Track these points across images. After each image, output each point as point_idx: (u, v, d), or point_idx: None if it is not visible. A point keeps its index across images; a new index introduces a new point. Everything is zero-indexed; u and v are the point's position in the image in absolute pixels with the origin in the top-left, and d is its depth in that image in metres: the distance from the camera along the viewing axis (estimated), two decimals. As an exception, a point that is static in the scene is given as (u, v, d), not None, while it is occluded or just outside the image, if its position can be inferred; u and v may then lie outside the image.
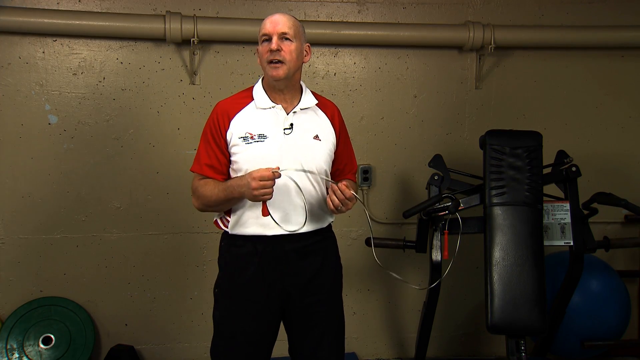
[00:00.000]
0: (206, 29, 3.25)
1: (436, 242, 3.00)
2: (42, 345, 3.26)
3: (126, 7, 3.30)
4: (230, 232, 2.23)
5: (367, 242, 3.17)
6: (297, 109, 2.20)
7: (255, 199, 2.04)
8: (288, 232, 2.14)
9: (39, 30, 3.19)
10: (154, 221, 3.45)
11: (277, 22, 2.12)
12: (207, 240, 3.44)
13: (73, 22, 3.17)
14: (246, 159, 2.15)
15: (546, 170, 3.06)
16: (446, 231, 2.90)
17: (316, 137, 2.21)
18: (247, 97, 2.23)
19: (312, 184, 2.19)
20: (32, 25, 3.15)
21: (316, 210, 2.21)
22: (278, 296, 2.20)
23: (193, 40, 3.22)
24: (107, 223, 3.41)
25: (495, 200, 2.94)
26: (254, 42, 2.23)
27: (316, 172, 2.18)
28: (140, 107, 3.37)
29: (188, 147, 3.34)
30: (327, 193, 2.14)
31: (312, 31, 3.34)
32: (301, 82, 2.27)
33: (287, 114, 2.19)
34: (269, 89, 2.21)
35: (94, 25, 3.19)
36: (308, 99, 2.25)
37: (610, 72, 3.71)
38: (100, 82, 3.33)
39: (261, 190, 2.01)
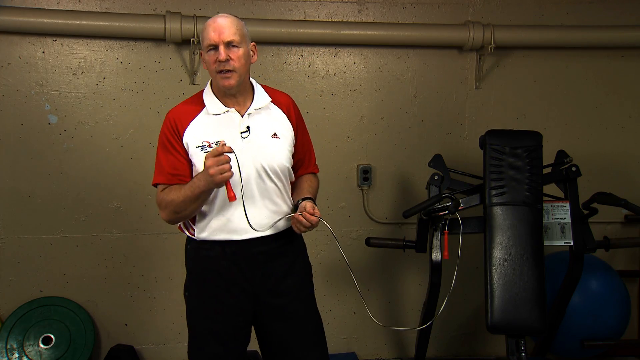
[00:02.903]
0: (206, 28, 3.24)
1: (436, 242, 3.00)
2: (42, 345, 3.26)
3: (126, 7, 3.30)
4: (197, 239, 2.20)
5: (367, 242, 3.18)
6: (251, 109, 2.16)
7: (216, 180, 1.96)
8: (255, 234, 2.12)
9: (39, 30, 3.19)
10: (154, 221, 3.44)
11: (222, 30, 2.06)
12: (207, 240, 3.44)
13: (73, 22, 3.17)
14: None
15: (546, 170, 3.06)
16: (446, 231, 2.89)
17: (274, 135, 2.18)
18: (197, 104, 2.18)
19: (276, 184, 2.17)
20: (32, 25, 3.15)
21: (283, 211, 2.19)
22: (247, 298, 2.19)
23: (193, 40, 3.21)
24: (107, 223, 3.41)
25: (495, 200, 2.93)
26: (254, 42, 2.22)
27: (281, 174, 2.17)
28: (140, 107, 3.37)
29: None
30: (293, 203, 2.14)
31: (312, 31, 3.35)
32: (251, 80, 2.22)
33: (242, 117, 2.15)
34: (219, 94, 2.17)
35: (94, 25, 3.19)
36: (261, 98, 2.20)
37: (610, 72, 3.70)
38: (100, 82, 3.33)
39: (217, 167, 1.93)
